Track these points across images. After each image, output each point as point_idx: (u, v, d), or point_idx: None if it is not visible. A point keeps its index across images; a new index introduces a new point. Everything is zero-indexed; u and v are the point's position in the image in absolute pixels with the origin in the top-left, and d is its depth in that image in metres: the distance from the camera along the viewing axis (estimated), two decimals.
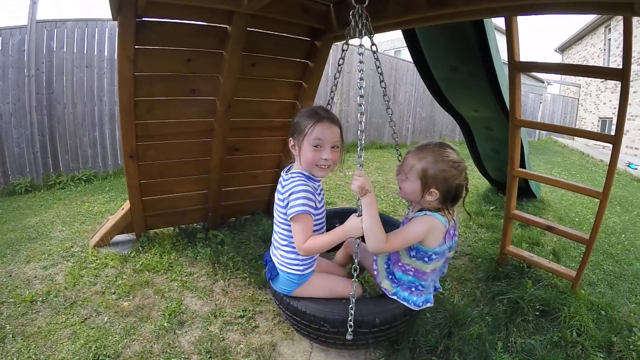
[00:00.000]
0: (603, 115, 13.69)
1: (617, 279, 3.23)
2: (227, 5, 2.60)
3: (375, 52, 1.92)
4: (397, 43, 19.84)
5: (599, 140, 3.28)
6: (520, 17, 2.54)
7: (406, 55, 11.81)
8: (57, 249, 3.33)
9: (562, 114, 16.49)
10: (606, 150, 11.39)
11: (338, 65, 1.96)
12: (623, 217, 5.12)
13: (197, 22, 2.76)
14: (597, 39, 14.41)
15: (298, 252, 1.83)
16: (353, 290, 1.73)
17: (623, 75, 2.28)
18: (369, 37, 1.83)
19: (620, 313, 2.63)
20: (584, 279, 3.01)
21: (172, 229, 3.66)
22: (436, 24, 2.86)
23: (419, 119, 11.06)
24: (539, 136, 15.26)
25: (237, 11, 2.63)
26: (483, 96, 3.74)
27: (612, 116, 12.77)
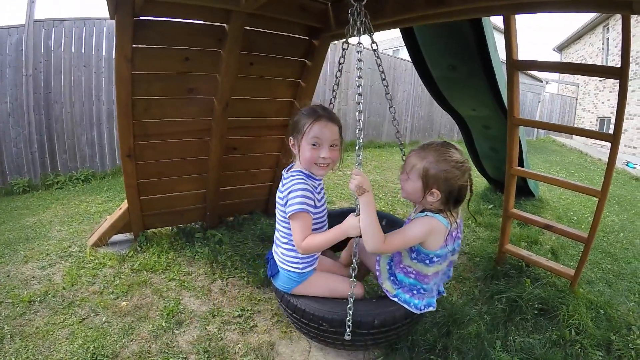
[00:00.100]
0: (601, 115, 13.71)
1: (615, 278, 3.23)
2: (225, 4, 2.59)
3: (375, 51, 1.92)
4: (395, 42, 19.83)
5: (597, 138, 3.28)
6: (518, 16, 2.54)
7: (404, 54, 11.82)
8: (55, 249, 3.32)
9: (561, 113, 16.50)
10: (604, 149, 11.40)
11: (339, 64, 1.95)
12: (621, 216, 5.12)
13: (195, 21, 2.75)
14: (596, 38, 14.41)
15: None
16: (351, 290, 1.72)
17: (621, 74, 2.28)
18: (369, 35, 1.82)
19: (619, 311, 2.64)
20: (583, 277, 3.02)
21: (170, 228, 3.66)
22: (434, 23, 2.86)
23: (417, 118, 11.05)
24: (537, 135, 15.27)
25: (235, 10, 2.63)
26: (481, 95, 3.74)
27: (610, 115, 12.79)
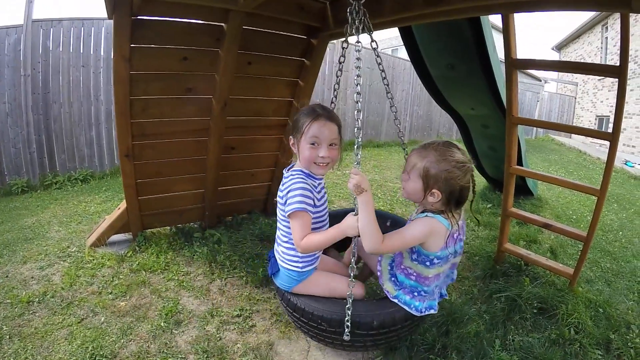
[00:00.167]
0: (600, 113, 13.73)
1: (614, 277, 3.24)
2: (223, 4, 2.59)
3: (375, 49, 1.91)
4: (394, 41, 19.83)
5: (596, 137, 3.27)
6: (517, 14, 2.53)
7: (403, 53, 11.84)
8: (54, 249, 3.31)
9: (559, 112, 16.51)
10: (603, 148, 11.41)
11: (339, 63, 1.94)
12: (620, 215, 5.13)
13: (193, 21, 2.75)
14: (594, 37, 14.43)
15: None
16: (349, 290, 1.71)
17: (620, 72, 2.27)
18: (368, 34, 1.81)
19: (618, 310, 2.63)
20: (582, 276, 3.02)
21: (168, 228, 3.66)
22: (433, 22, 2.86)
23: (416, 117, 11.05)
24: (536, 134, 15.29)
25: (233, 9, 2.62)
26: (480, 94, 3.74)
27: (609, 114, 12.81)
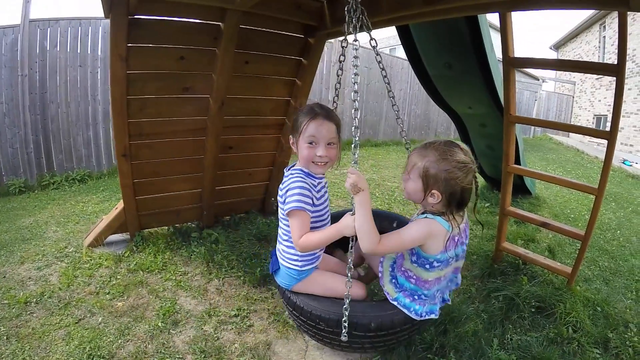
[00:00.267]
0: (598, 112, 13.75)
1: (612, 275, 3.24)
2: (220, 3, 2.58)
3: (375, 47, 1.90)
4: (391, 41, 19.78)
5: (594, 136, 3.28)
6: (514, 13, 2.53)
7: (401, 53, 11.81)
8: (51, 249, 3.30)
9: (557, 111, 16.53)
10: (601, 147, 11.44)
11: (339, 62, 1.93)
12: (618, 214, 5.14)
13: (190, 20, 2.75)
14: (592, 36, 14.45)
15: None
16: (347, 290, 1.69)
17: (618, 71, 2.27)
18: (367, 32, 1.81)
19: (616, 309, 2.64)
20: (580, 275, 3.02)
21: (166, 228, 3.65)
22: (431, 21, 2.85)
23: (413, 116, 11.05)
24: (534, 133, 15.31)
25: (230, 8, 2.62)
26: (477, 93, 3.74)
27: (607, 113, 12.82)
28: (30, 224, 4.00)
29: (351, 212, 1.65)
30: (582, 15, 14.70)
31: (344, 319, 1.69)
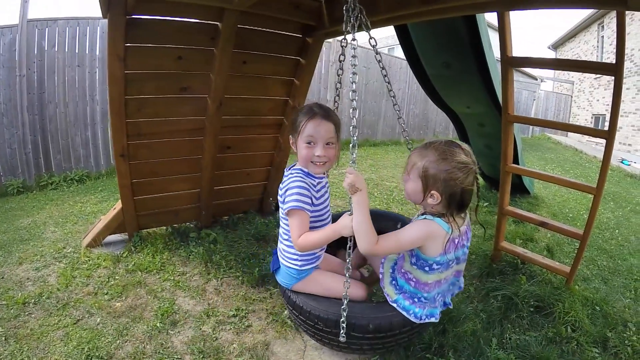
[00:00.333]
0: (596, 112, 13.76)
1: (611, 275, 3.24)
2: (218, 2, 2.58)
3: (374, 47, 1.90)
4: (390, 40, 19.78)
5: (592, 135, 3.28)
6: (512, 12, 2.53)
7: (399, 52, 11.80)
8: (50, 250, 3.30)
9: (556, 111, 16.54)
10: (599, 147, 11.45)
11: (339, 62, 1.92)
12: (617, 213, 5.14)
13: (188, 20, 2.74)
14: (590, 36, 14.46)
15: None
16: (345, 290, 1.68)
17: (616, 70, 2.27)
18: (366, 31, 1.81)
19: (615, 308, 2.64)
20: (578, 274, 3.02)
21: (164, 228, 3.64)
22: (429, 20, 2.85)
23: (412, 116, 11.04)
24: (532, 133, 15.32)
25: (228, 8, 2.62)
26: (476, 92, 3.74)
27: (605, 113, 12.83)
28: (28, 224, 3.99)
29: (349, 212, 1.64)
30: (581, 15, 14.73)
31: (342, 319, 1.68)
